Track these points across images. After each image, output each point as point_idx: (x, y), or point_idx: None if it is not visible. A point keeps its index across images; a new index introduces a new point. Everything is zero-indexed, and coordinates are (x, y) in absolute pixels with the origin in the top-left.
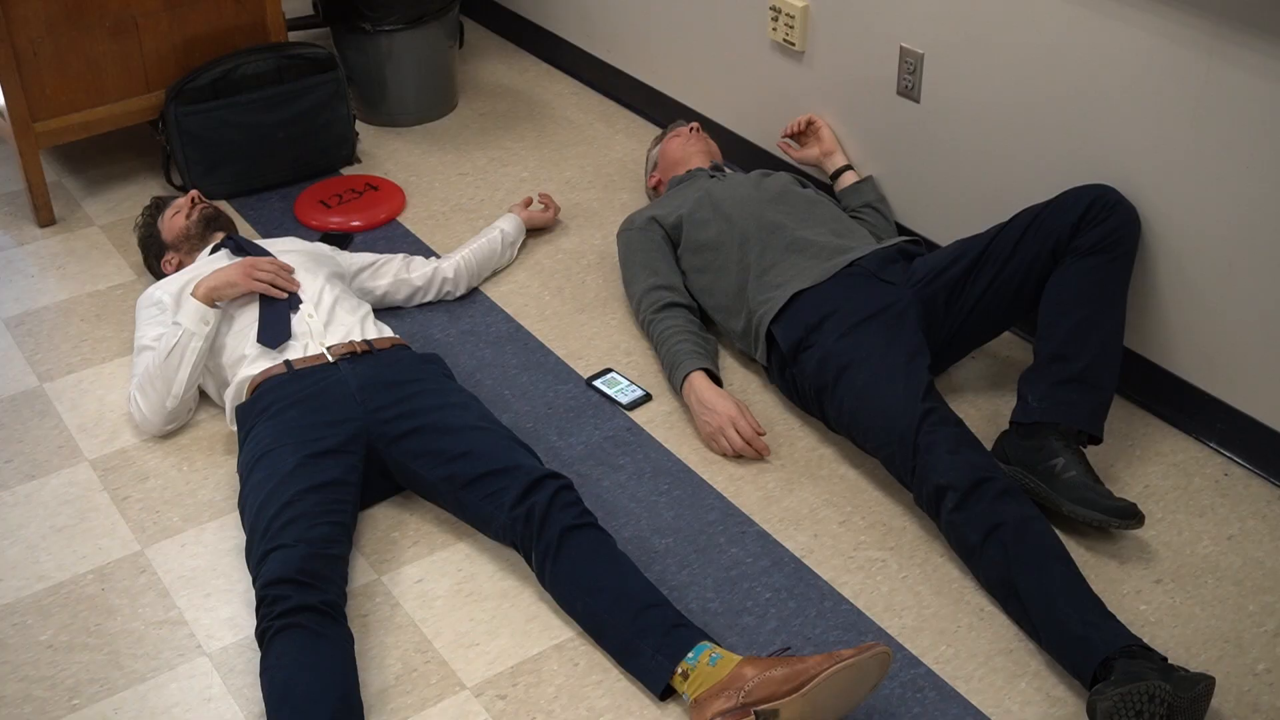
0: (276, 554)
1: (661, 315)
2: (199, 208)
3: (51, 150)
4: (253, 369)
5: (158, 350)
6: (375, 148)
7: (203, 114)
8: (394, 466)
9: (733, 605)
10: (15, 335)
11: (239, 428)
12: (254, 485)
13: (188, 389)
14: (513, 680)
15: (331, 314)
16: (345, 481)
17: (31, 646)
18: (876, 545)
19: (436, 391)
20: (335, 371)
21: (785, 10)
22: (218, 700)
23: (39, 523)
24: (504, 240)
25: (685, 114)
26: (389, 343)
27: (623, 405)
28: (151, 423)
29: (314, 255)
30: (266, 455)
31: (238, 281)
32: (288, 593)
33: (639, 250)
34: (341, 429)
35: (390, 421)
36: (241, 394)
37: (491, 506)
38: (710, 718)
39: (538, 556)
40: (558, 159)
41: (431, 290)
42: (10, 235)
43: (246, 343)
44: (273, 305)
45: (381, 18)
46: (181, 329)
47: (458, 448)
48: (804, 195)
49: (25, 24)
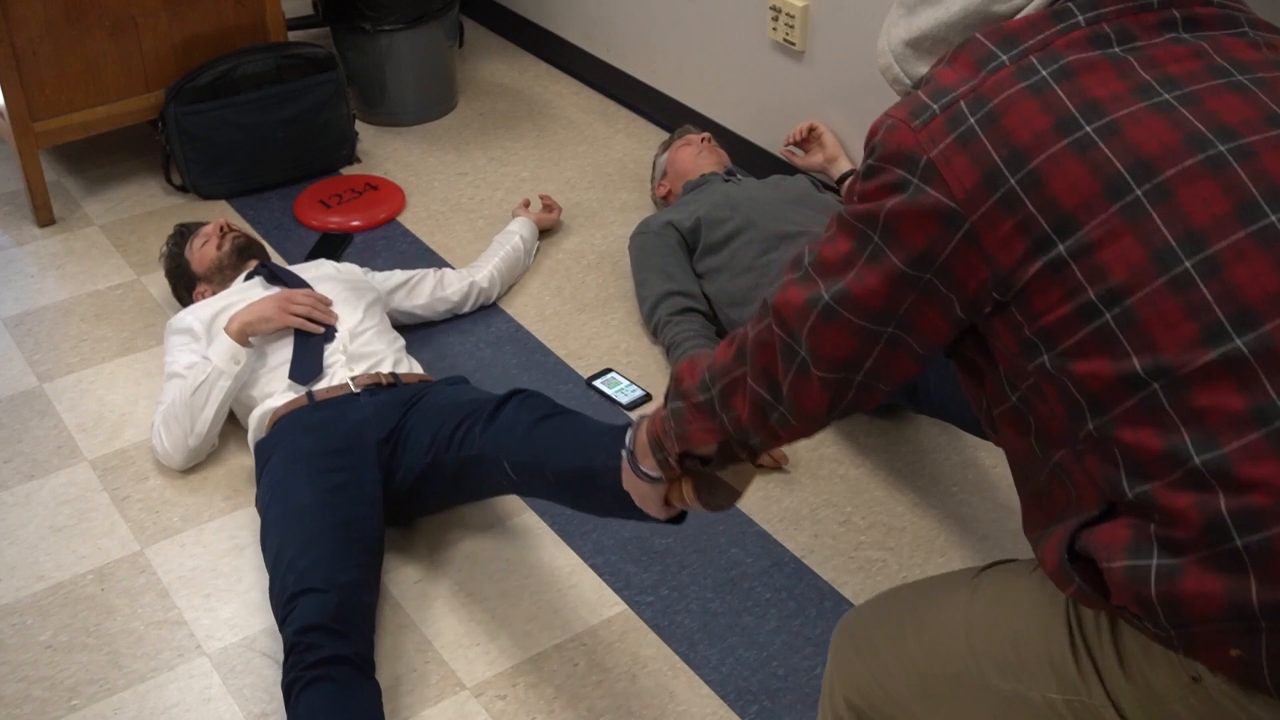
0: (308, 598)
1: (677, 319)
2: (230, 236)
3: (51, 150)
4: (277, 401)
5: (185, 384)
6: (375, 148)
7: (202, 114)
8: (407, 481)
9: (733, 605)
10: (15, 335)
11: (257, 461)
12: (273, 521)
13: (212, 427)
14: (513, 680)
15: (365, 345)
16: (367, 517)
17: (31, 647)
18: (876, 545)
19: (436, 391)
20: (355, 401)
21: (785, 10)
22: (218, 700)
23: (39, 523)
24: (524, 246)
25: (685, 113)
26: (416, 379)
27: (623, 405)
28: (173, 459)
29: (350, 283)
30: (284, 489)
31: (273, 317)
32: (320, 641)
33: (654, 254)
34: (357, 456)
35: (400, 440)
36: (263, 428)
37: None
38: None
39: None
40: (558, 159)
41: (468, 304)
42: (10, 235)
43: (277, 378)
44: (307, 340)
45: (381, 18)
46: (211, 366)
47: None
48: (823, 200)
49: (25, 24)
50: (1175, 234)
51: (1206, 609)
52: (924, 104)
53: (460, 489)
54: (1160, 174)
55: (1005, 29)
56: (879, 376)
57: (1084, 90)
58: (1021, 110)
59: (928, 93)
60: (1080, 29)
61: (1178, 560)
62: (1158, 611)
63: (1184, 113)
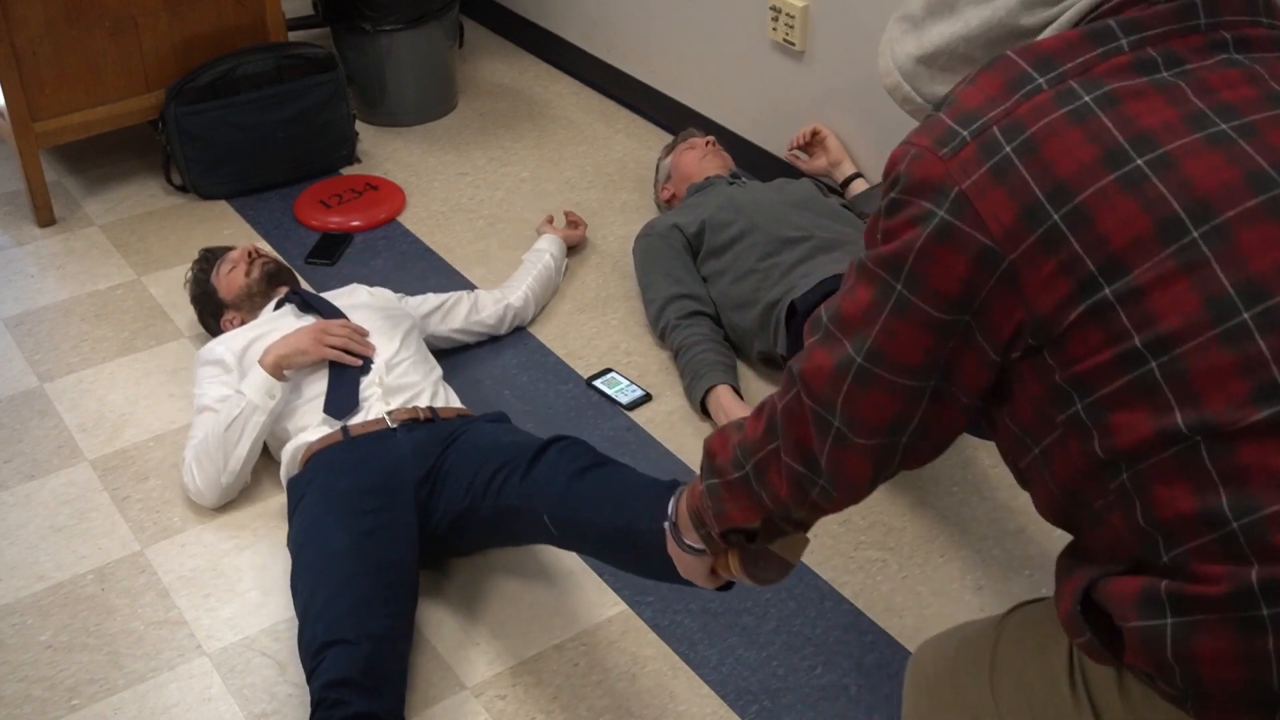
0: (338, 649)
1: (685, 323)
2: (259, 263)
3: (51, 150)
4: (311, 436)
5: (218, 419)
6: (375, 148)
7: (202, 114)
8: (443, 523)
9: (733, 605)
10: (15, 335)
11: (289, 499)
12: (305, 564)
13: (246, 464)
14: (513, 680)
15: (401, 377)
16: (403, 561)
17: (31, 647)
18: (876, 545)
19: (476, 430)
20: (391, 437)
21: (785, 10)
22: (218, 700)
23: (39, 523)
24: (555, 265)
25: (685, 113)
26: (454, 413)
27: (623, 405)
28: (205, 496)
29: (385, 311)
30: (317, 530)
31: (309, 349)
32: (348, 697)
33: (660, 257)
34: (393, 496)
35: (438, 480)
36: (295, 464)
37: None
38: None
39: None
40: (558, 159)
41: (504, 326)
42: (10, 235)
43: (312, 411)
44: (342, 373)
45: (381, 18)
46: (245, 400)
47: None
48: (827, 204)
49: (25, 24)
50: (1234, 282)
51: (1225, 679)
52: (951, 130)
53: (497, 535)
54: (1219, 215)
55: (1039, 49)
56: (925, 436)
57: (1132, 119)
58: (1064, 139)
59: (953, 117)
60: (1123, 54)
61: (1196, 619)
62: (1174, 674)
63: (1243, 146)
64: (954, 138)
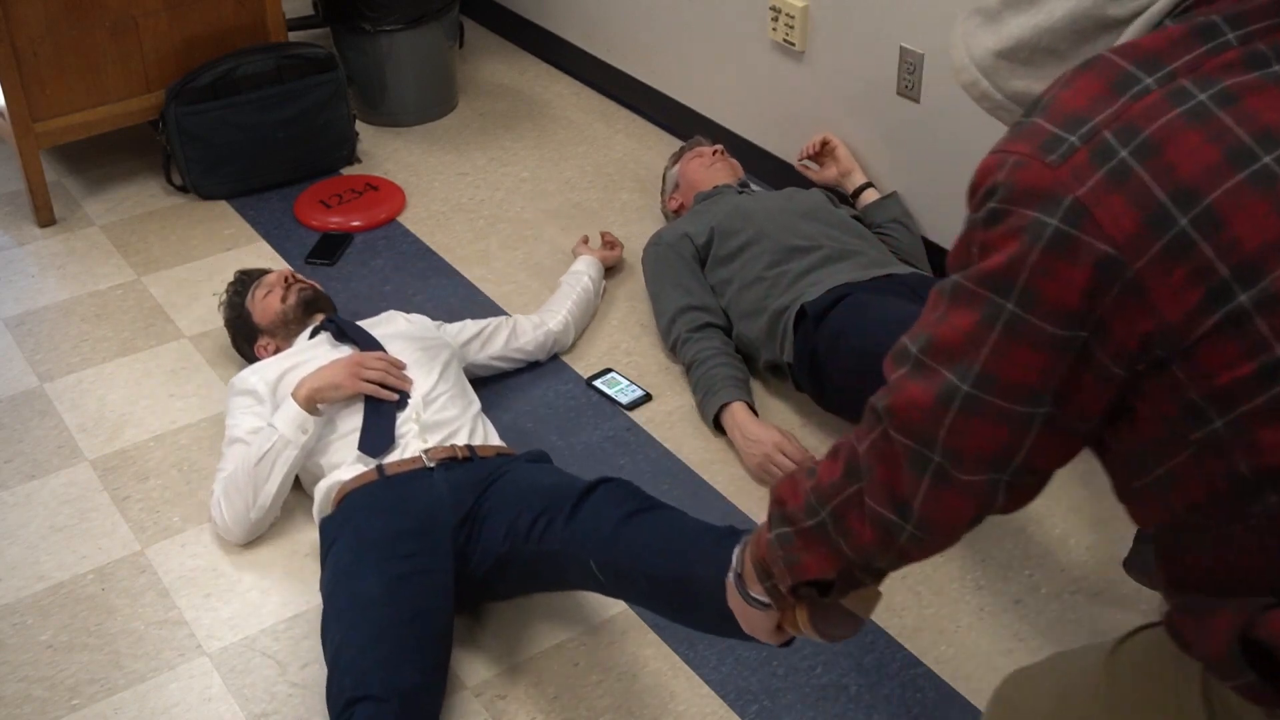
0: (365, 706)
1: (698, 335)
2: (296, 288)
3: (51, 150)
4: (346, 474)
5: (249, 452)
6: (375, 148)
7: (203, 114)
8: (481, 568)
9: None
10: (15, 335)
11: (322, 541)
12: (336, 611)
13: (275, 500)
14: (513, 680)
15: (439, 413)
16: (437, 609)
17: (31, 646)
18: None
19: (516, 470)
20: (428, 477)
21: (785, 10)
22: (218, 700)
23: (39, 523)
24: (594, 287)
25: (685, 113)
26: (493, 451)
27: (623, 405)
28: (233, 532)
29: (424, 343)
30: (349, 575)
31: (344, 384)
32: None
33: (671, 267)
34: (430, 540)
35: (476, 523)
36: (329, 503)
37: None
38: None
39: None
40: (558, 159)
41: (544, 353)
42: (10, 235)
43: (346, 448)
44: (378, 408)
45: (381, 18)
46: (277, 434)
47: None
48: (837, 214)
49: (25, 24)
50: None
51: None
52: (1055, 135)
53: (538, 581)
54: None
55: (1141, 47)
56: (1032, 469)
57: (1254, 116)
58: (1184, 140)
59: (1054, 122)
60: (1233, 49)
61: None
62: None
63: None
64: (1061, 143)
